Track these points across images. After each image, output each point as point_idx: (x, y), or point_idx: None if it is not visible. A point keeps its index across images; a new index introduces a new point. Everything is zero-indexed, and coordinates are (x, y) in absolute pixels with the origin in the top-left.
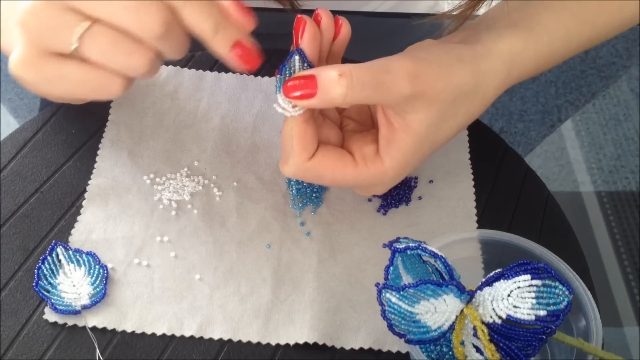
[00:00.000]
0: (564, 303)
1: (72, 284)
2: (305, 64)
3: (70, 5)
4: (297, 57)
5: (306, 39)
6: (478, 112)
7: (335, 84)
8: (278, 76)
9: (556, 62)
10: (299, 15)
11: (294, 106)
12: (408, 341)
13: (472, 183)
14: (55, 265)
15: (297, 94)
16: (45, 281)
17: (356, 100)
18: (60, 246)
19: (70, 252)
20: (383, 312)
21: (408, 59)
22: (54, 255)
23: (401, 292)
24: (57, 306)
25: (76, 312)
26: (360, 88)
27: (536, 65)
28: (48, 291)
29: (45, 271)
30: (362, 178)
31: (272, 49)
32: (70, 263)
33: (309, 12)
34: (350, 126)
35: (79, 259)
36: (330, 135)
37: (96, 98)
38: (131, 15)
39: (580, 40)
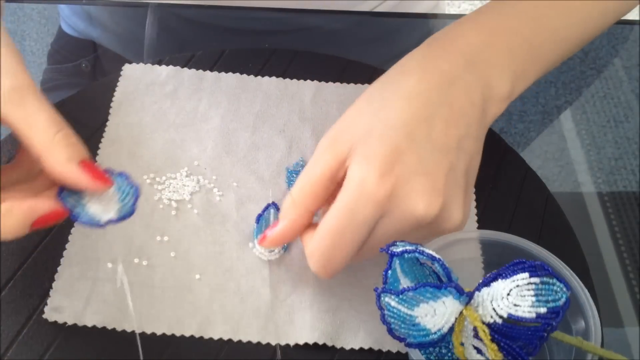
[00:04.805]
0: (563, 299)
1: (98, 200)
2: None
3: None
4: (272, 211)
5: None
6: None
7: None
8: (256, 225)
9: (544, 60)
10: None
11: (270, 252)
12: (408, 345)
13: None
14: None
15: (269, 243)
16: (68, 191)
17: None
18: None
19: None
20: (382, 317)
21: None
22: None
23: (400, 296)
24: (80, 217)
25: (100, 225)
26: (303, 210)
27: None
28: (71, 199)
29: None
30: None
31: (272, 49)
32: None
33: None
34: None
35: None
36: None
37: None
38: None
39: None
